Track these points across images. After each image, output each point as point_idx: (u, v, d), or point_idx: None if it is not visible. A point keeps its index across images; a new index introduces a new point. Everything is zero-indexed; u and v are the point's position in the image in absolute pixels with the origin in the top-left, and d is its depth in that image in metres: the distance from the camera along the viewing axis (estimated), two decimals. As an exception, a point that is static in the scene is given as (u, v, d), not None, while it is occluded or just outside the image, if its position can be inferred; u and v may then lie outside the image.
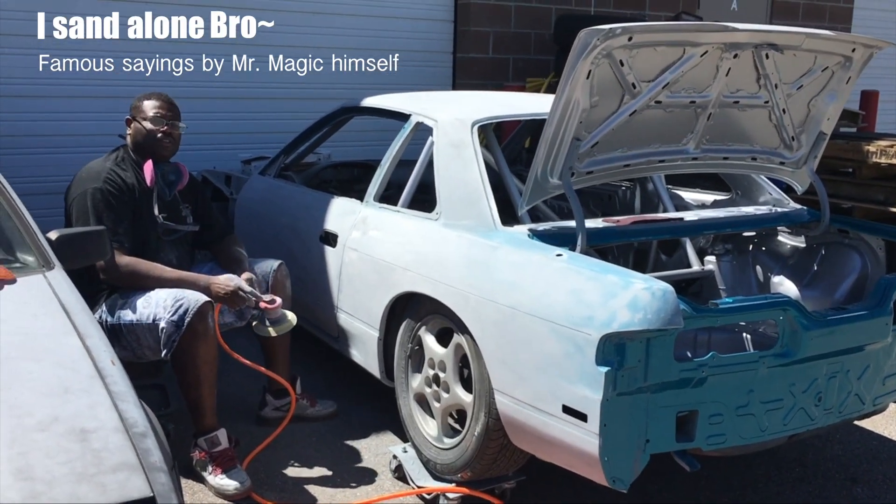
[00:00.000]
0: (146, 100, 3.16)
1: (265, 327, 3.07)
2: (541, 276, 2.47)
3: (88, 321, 2.12)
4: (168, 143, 3.14)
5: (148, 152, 3.13)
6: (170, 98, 3.20)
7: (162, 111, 3.13)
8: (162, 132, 3.11)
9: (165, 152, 3.15)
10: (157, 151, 3.13)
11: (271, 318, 3.05)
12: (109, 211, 2.97)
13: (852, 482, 3.09)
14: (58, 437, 1.66)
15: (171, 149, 3.16)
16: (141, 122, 3.12)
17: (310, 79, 6.08)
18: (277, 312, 3.05)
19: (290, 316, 3.10)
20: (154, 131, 3.11)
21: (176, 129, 3.16)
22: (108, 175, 3.02)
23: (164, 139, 3.12)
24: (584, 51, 2.43)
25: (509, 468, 2.77)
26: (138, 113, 3.14)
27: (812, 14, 8.63)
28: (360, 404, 3.60)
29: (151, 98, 3.16)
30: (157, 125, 3.11)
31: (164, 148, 3.13)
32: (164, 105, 3.14)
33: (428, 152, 3.16)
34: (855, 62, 2.93)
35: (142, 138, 3.13)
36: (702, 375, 2.30)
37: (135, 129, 3.15)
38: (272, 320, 3.05)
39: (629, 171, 2.92)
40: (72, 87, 5.26)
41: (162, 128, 3.11)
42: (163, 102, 3.15)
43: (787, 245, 3.31)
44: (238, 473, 2.88)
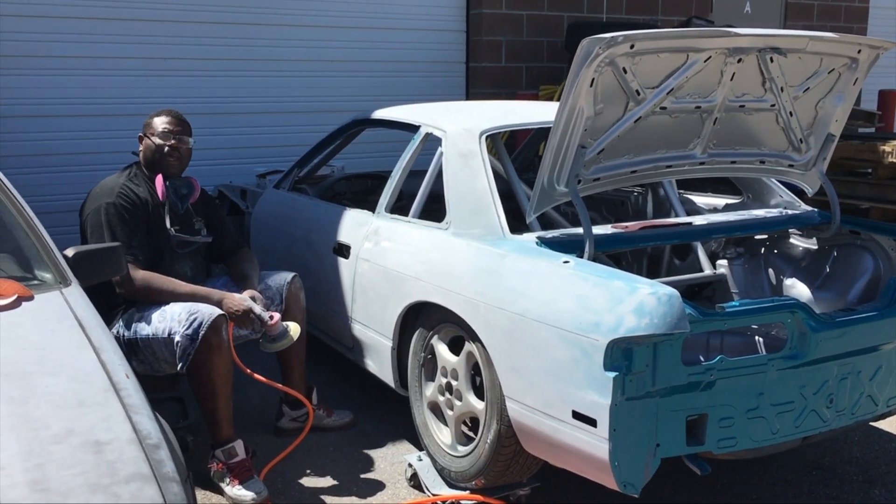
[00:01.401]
0: (156, 117, 3.23)
1: (268, 344, 3.10)
2: (548, 283, 2.49)
3: (104, 336, 2.16)
4: (174, 158, 3.20)
5: (157, 167, 3.19)
6: (179, 114, 3.27)
7: (170, 126, 3.20)
8: (169, 146, 3.18)
9: (172, 168, 3.21)
10: (165, 166, 3.19)
11: (272, 335, 3.07)
12: (123, 225, 3.03)
13: (870, 484, 3.07)
14: (73, 449, 1.70)
15: (177, 164, 3.22)
16: (150, 137, 3.20)
17: (323, 92, 6.17)
18: (278, 328, 3.06)
19: (292, 329, 3.11)
20: (161, 146, 3.17)
21: (184, 144, 3.22)
22: (120, 190, 3.09)
23: (170, 154, 3.18)
24: (586, 59, 2.45)
25: (523, 475, 2.78)
26: (148, 129, 3.22)
27: (827, 14, 8.58)
28: (376, 414, 3.63)
29: (161, 115, 3.23)
30: (164, 140, 3.18)
31: (169, 164, 3.20)
32: (172, 121, 3.21)
33: (437, 162, 3.19)
34: (861, 63, 2.93)
35: (151, 153, 3.20)
36: (710, 379, 2.30)
37: (145, 145, 3.22)
38: (273, 337, 3.07)
39: (636, 177, 2.93)
40: (84, 107, 5.37)
41: (169, 142, 3.18)
42: (171, 118, 3.22)
43: (799, 247, 3.30)
44: (255, 484, 2.91)
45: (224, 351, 2.90)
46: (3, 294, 2.25)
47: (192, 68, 5.66)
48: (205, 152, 5.62)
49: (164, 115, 3.23)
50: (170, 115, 3.23)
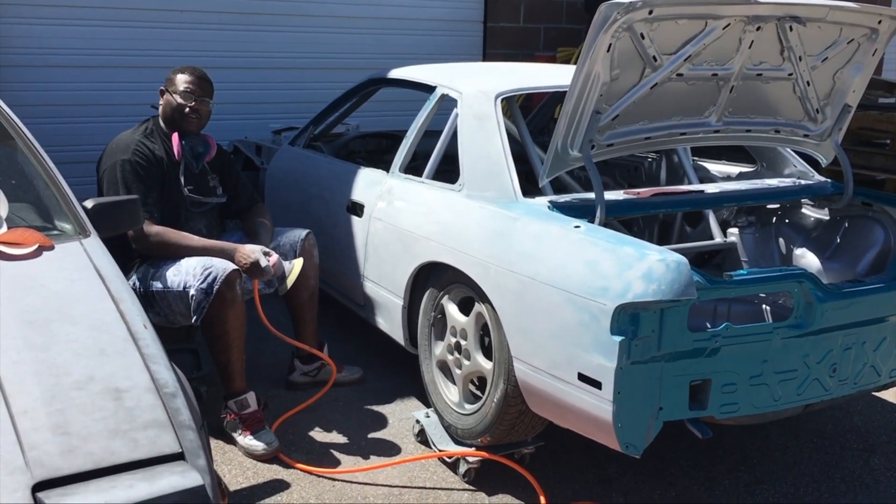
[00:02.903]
0: (180, 73, 3.21)
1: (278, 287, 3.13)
2: (559, 247, 2.52)
3: (122, 287, 2.21)
4: (194, 118, 3.20)
5: (175, 125, 3.20)
6: (204, 73, 3.25)
7: (192, 86, 3.18)
8: (190, 107, 3.18)
9: (191, 127, 3.21)
10: (183, 126, 3.20)
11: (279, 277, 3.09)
12: (138, 182, 3.05)
13: (870, 453, 3.12)
14: (93, 395, 1.76)
15: (196, 124, 3.23)
16: (171, 94, 3.19)
17: (339, 48, 6.14)
18: (281, 268, 3.07)
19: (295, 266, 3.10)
20: (182, 106, 3.17)
21: (205, 106, 3.22)
22: (136, 147, 3.10)
23: (190, 114, 3.18)
24: (604, 24, 2.45)
25: (528, 434, 2.84)
26: (170, 85, 3.21)
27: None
28: (385, 371, 3.70)
29: (185, 72, 3.21)
30: (185, 100, 3.17)
31: (189, 123, 3.20)
32: (195, 80, 3.20)
33: (452, 124, 3.20)
34: (881, 34, 2.90)
35: (170, 111, 3.20)
36: (715, 345, 2.34)
37: (165, 101, 3.22)
38: (279, 278, 3.09)
39: (650, 143, 2.94)
40: (98, 58, 5.35)
41: (190, 103, 3.17)
42: (195, 78, 3.20)
43: (811, 217, 3.31)
44: (266, 435, 2.99)
45: (238, 305, 2.95)
46: (24, 243, 2.30)
47: (208, 21, 5.64)
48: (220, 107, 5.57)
49: (188, 74, 3.20)
50: (193, 75, 3.20)
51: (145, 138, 3.17)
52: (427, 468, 2.94)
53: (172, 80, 3.21)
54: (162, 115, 3.25)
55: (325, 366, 3.44)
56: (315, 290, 3.41)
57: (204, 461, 1.72)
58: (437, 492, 2.81)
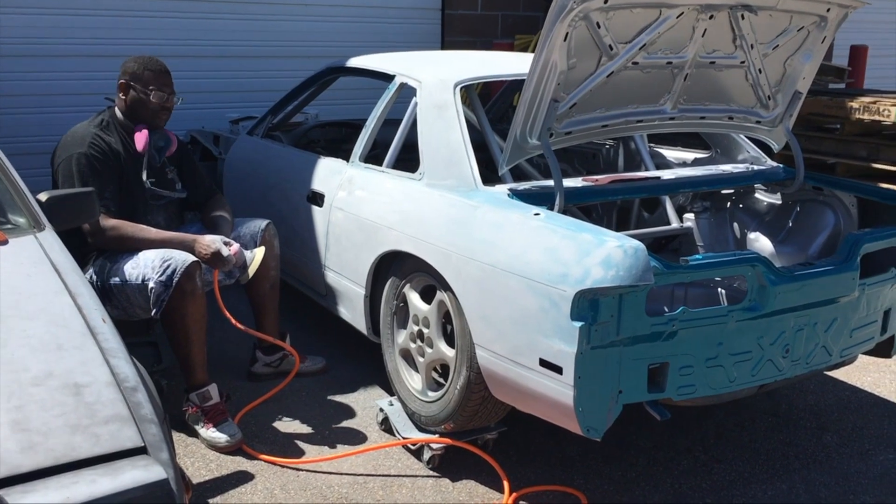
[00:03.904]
0: (147, 69, 3.12)
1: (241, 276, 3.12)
2: (519, 234, 2.54)
3: (79, 281, 2.19)
4: (166, 117, 3.19)
5: (144, 121, 3.15)
6: (166, 67, 3.20)
7: (165, 84, 3.15)
8: (163, 106, 3.14)
9: (159, 124, 3.19)
10: (155, 122, 3.17)
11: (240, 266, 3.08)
12: (95, 176, 3.00)
13: (822, 430, 3.21)
14: (52, 391, 1.74)
15: (166, 120, 3.22)
16: (142, 92, 3.11)
17: (296, 37, 6.09)
18: (242, 258, 3.06)
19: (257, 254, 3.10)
20: (158, 105, 3.13)
21: (175, 102, 3.21)
22: (92, 140, 3.04)
23: (163, 112, 3.17)
24: (560, 13, 2.47)
25: (490, 420, 2.87)
26: (138, 81, 3.12)
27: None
28: (348, 360, 3.71)
29: (151, 67, 3.13)
30: (159, 100, 3.13)
31: (161, 120, 3.18)
32: (165, 78, 3.16)
33: (412, 113, 3.21)
34: (830, 22, 2.97)
35: (139, 107, 3.13)
36: (672, 329, 2.39)
37: (132, 97, 3.13)
38: (241, 267, 3.08)
39: (607, 131, 2.98)
40: (55, 47, 5.25)
41: (166, 103, 3.15)
42: (166, 76, 3.16)
43: (764, 202, 3.38)
44: (229, 426, 2.98)
45: (198, 297, 2.93)
46: (-23, 238, 2.26)
47: (164, 9, 5.55)
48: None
49: (155, 70, 3.13)
50: (160, 70, 3.15)
51: (101, 131, 3.11)
52: (391, 456, 2.96)
53: (140, 76, 3.11)
54: (126, 108, 3.17)
55: (287, 356, 3.44)
56: (276, 281, 3.39)
57: (167, 455, 1.71)
58: (402, 479, 2.83)
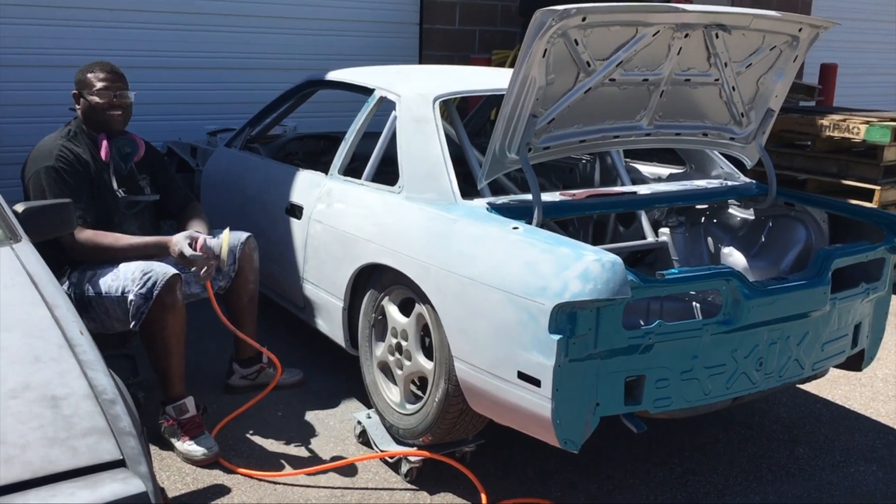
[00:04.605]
0: (89, 72, 3.08)
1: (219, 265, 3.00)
2: (497, 248, 2.56)
3: (56, 292, 2.17)
4: (118, 115, 3.09)
5: (101, 126, 3.09)
6: (115, 66, 3.13)
7: (108, 82, 3.06)
8: (110, 104, 3.06)
9: (118, 125, 3.11)
10: (110, 124, 3.09)
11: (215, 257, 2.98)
12: (65, 188, 2.96)
13: (795, 443, 3.26)
14: (30, 403, 1.72)
15: (122, 120, 3.11)
16: (88, 96, 3.07)
17: (275, 49, 6.10)
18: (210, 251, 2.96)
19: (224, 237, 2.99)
20: (103, 105, 3.05)
21: (125, 99, 3.10)
22: (59, 152, 3.00)
23: (113, 111, 3.07)
24: (539, 30, 2.51)
25: (469, 432, 2.88)
26: (84, 87, 3.07)
27: (774, -12, 8.74)
28: (325, 372, 3.70)
29: (94, 69, 3.08)
30: (104, 98, 3.05)
31: (114, 121, 3.09)
32: (109, 76, 3.07)
33: (391, 126, 3.22)
34: (802, 41, 3.04)
35: (92, 112, 3.08)
36: (648, 342, 2.42)
37: (83, 105, 3.09)
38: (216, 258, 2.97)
39: (585, 146, 3.01)
40: (30, 57, 5.21)
41: (111, 100, 3.05)
42: (107, 73, 3.07)
43: (737, 217, 3.44)
44: (206, 440, 2.96)
45: (178, 310, 2.92)
46: (-48, 249, 2.24)
47: (142, 20, 5.53)
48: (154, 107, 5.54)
49: (98, 70, 3.08)
50: (104, 70, 3.08)
51: (69, 142, 3.06)
52: (369, 469, 2.96)
53: (85, 82, 3.07)
54: (84, 118, 3.13)
55: (264, 369, 3.43)
56: (255, 295, 3.38)
57: (146, 468, 1.70)
58: (380, 492, 2.83)
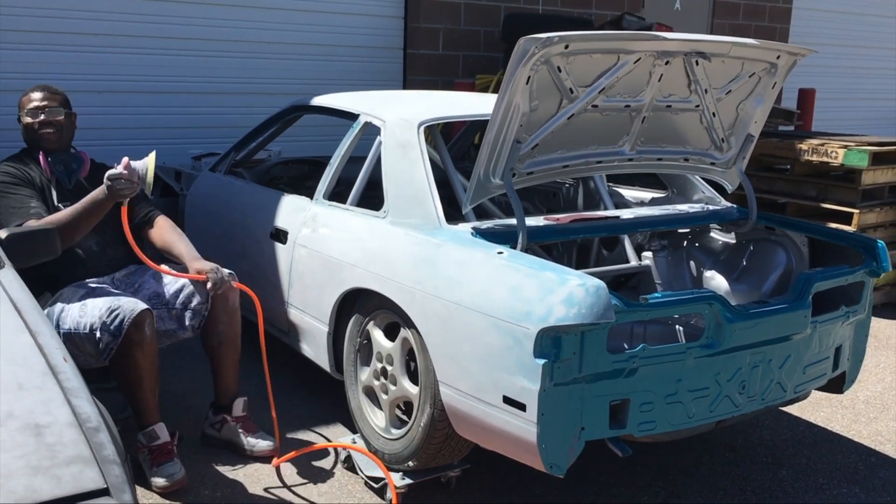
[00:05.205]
0: (25, 95, 3.17)
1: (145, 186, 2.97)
2: (482, 272, 2.58)
3: (40, 319, 2.16)
4: (50, 132, 3.13)
5: (36, 145, 3.15)
6: (49, 86, 3.19)
7: (37, 102, 3.12)
8: (39, 122, 3.12)
9: (50, 143, 3.14)
10: (43, 144, 3.14)
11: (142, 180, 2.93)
12: (15, 195, 3.00)
13: (778, 465, 3.28)
14: (13, 432, 1.71)
15: (56, 137, 3.14)
16: (22, 118, 3.15)
17: (259, 74, 6.13)
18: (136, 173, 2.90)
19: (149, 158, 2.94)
20: (32, 124, 3.12)
21: (56, 116, 3.14)
22: (3, 169, 3.08)
23: (43, 129, 3.12)
24: (523, 57, 2.54)
25: (454, 457, 2.88)
26: (20, 109, 3.16)
27: (752, 13, 8.90)
28: (310, 397, 3.69)
29: (30, 92, 3.16)
30: (33, 117, 3.12)
31: (46, 139, 3.13)
32: (39, 96, 3.13)
33: (376, 151, 3.24)
34: (780, 68, 3.09)
35: (26, 133, 3.16)
36: (633, 366, 2.43)
37: (21, 129, 3.18)
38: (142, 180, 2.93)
39: (568, 171, 3.05)
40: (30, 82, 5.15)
41: (38, 119, 3.11)
42: (39, 93, 3.14)
43: (719, 241, 3.47)
44: (171, 466, 2.88)
45: (147, 345, 2.86)
46: (-66, 276, 2.22)
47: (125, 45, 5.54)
48: (138, 131, 5.55)
49: (31, 92, 3.16)
50: (37, 90, 3.16)
51: (15, 161, 3.14)
52: (354, 494, 2.95)
53: (21, 104, 3.16)
54: (24, 139, 3.20)
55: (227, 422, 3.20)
56: (229, 338, 3.18)
57: (130, 496, 1.69)
58: (365, 518, 2.81)
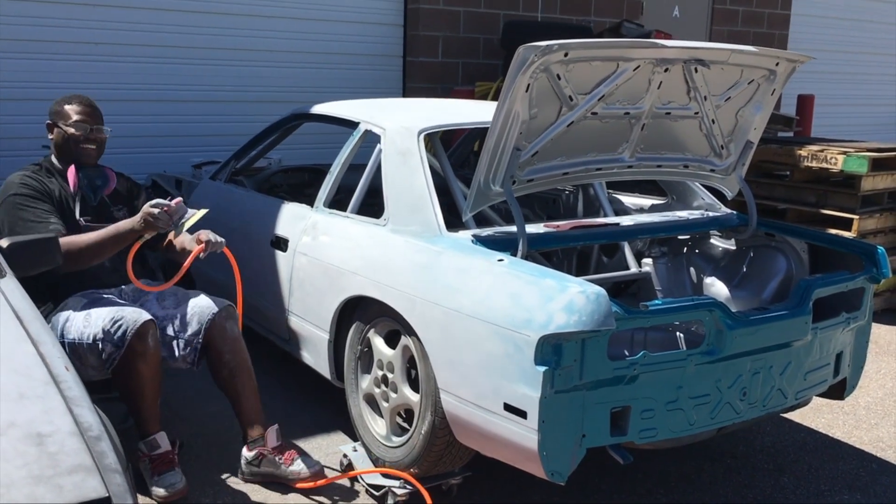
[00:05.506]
0: (66, 104, 3.11)
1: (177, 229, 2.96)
2: (483, 280, 2.58)
3: (41, 328, 2.16)
4: (91, 148, 3.12)
5: (72, 157, 3.11)
6: (91, 101, 3.17)
7: (84, 115, 3.10)
8: (86, 137, 3.10)
9: (89, 158, 3.13)
10: (81, 157, 3.12)
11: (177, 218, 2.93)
12: (34, 208, 2.97)
13: (780, 472, 3.27)
14: (15, 441, 1.71)
15: (95, 154, 3.15)
16: (63, 127, 3.09)
17: (259, 82, 6.14)
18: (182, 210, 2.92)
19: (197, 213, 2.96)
20: (75, 136, 3.08)
21: (100, 134, 3.14)
22: (21, 181, 3.03)
23: (87, 144, 3.11)
24: (522, 65, 2.55)
25: (455, 464, 2.88)
26: (60, 118, 3.10)
27: (751, 20, 8.92)
28: (311, 405, 3.69)
29: (72, 102, 3.12)
30: (80, 131, 3.08)
31: (86, 154, 3.12)
32: (86, 109, 3.11)
33: (376, 159, 3.25)
34: (779, 75, 3.10)
35: (65, 143, 3.10)
36: (634, 373, 2.44)
37: (57, 135, 3.12)
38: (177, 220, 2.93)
39: (568, 178, 3.05)
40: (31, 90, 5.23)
41: (86, 133, 3.09)
42: (84, 107, 3.11)
43: (719, 248, 3.48)
44: (171, 476, 2.87)
45: (150, 356, 2.86)
46: (-64, 285, 2.22)
47: (126, 54, 5.56)
48: (139, 140, 5.56)
49: (76, 103, 3.11)
50: (82, 103, 3.12)
51: (34, 174, 3.08)
52: (355, 503, 2.94)
53: (61, 113, 3.11)
54: (55, 149, 3.15)
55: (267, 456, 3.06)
56: (239, 366, 3.09)
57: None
58: (366, 526, 2.81)
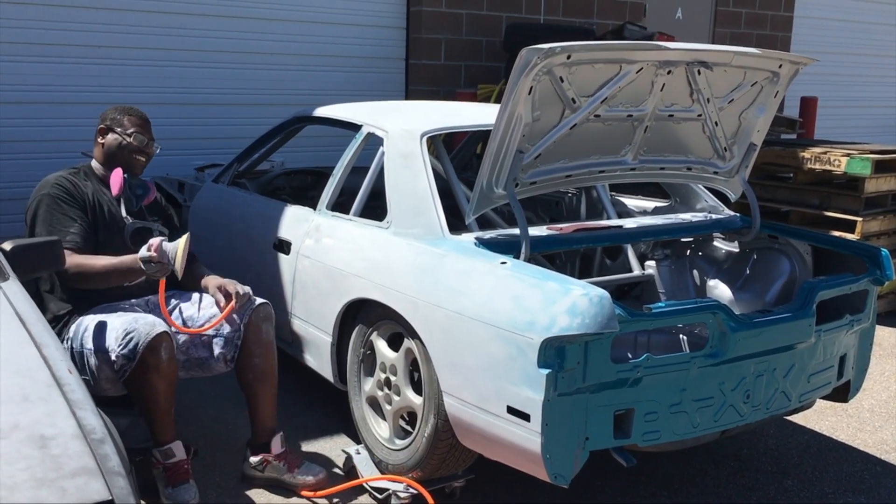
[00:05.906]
0: (128, 114, 3.19)
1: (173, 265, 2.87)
2: (486, 282, 2.58)
3: (44, 331, 2.16)
4: (142, 161, 3.20)
5: (120, 164, 3.15)
6: (147, 117, 3.25)
7: (143, 130, 3.19)
8: (140, 149, 3.16)
9: (136, 169, 3.20)
10: (130, 166, 3.17)
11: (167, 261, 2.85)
12: (60, 214, 2.99)
13: (783, 475, 3.27)
14: (18, 444, 1.71)
15: (142, 166, 3.22)
16: (122, 135, 3.15)
17: (262, 85, 6.15)
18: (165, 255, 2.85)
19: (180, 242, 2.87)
20: (136, 148, 3.15)
21: (152, 149, 3.23)
22: (56, 181, 3.05)
23: (139, 156, 3.18)
24: (525, 68, 2.55)
25: (458, 467, 2.88)
26: (118, 125, 3.16)
27: (754, 22, 8.91)
28: (314, 408, 3.68)
29: (132, 113, 3.20)
30: (137, 141, 3.15)
31: (137, 164, 3.19)
32: (144, 123, 3.20)
33: (379, 162, 3.25)
34: (782, 77, 3.10)
35: (118, 150, 3.15)
36: (637, 376, 2.43)
37: (111, 140, 3.16)
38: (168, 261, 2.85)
39: (571, 181, 3.05)
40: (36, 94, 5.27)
41: (143, 146, 3.17)
42: (143, 120, 3.20)
43: (722, 250, 3.47)
44: (186, 490, 2.85)
45: (164, 368, 2.83)
46: (-61, 288, 2.23)
47: (131, 57, 5.58)
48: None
49: (136, 116, 3.19)
50: (141, 118, 3.20)
51: (72, 176, 3.11)
52: None
53: (120, 121, 3.17)
54: (104, 153, 3.18)
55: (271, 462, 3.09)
56: (265, 371, 3.09)
57: (135, 508, 1.69)
58: (369, 529, 2.81)
